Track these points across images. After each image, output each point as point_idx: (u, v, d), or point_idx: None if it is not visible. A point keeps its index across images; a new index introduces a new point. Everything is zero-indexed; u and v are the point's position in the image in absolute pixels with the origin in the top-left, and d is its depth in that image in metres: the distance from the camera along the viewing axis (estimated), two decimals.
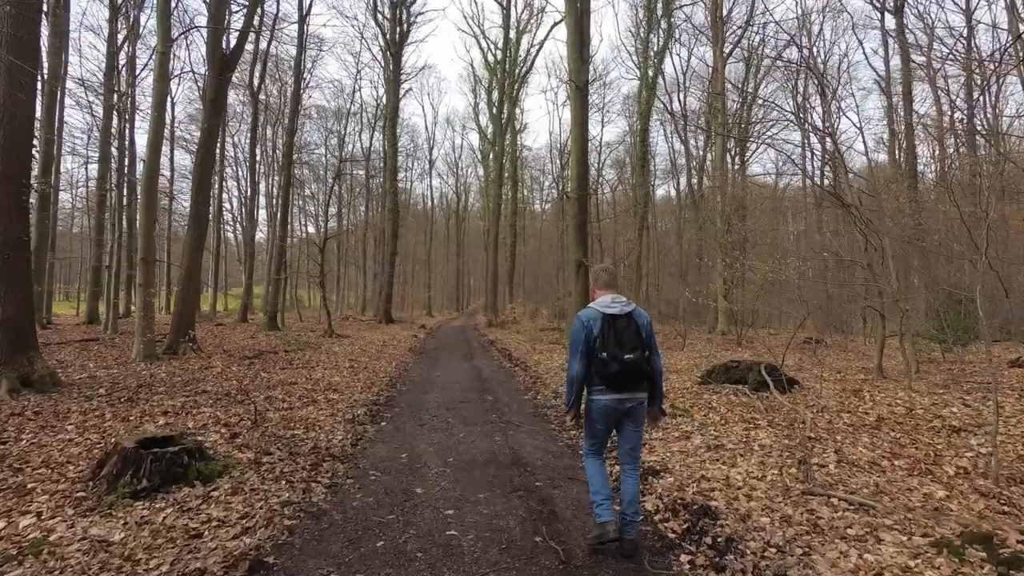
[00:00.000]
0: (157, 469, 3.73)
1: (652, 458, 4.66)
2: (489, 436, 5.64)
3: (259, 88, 26.15)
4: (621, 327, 2.91)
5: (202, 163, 11.79)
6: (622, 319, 2.93)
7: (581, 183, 18.08)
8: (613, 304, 2.98)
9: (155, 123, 10.68)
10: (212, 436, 5.25)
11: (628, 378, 2.88)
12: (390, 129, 27.65)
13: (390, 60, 28.10)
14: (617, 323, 2.92)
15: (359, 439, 5.49)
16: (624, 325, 2.92)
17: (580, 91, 17.28)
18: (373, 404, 7.16)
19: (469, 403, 7.34)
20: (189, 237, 11.89)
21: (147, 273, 10.55)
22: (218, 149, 33.17)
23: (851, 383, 7.79)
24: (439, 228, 54.22)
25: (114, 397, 7.04)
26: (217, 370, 9.54)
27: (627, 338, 2.89)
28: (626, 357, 2.85)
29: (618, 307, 2.97)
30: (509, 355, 13.37)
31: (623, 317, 2.94)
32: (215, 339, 15.33)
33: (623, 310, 2.96)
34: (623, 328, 2.91)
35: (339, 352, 12.98)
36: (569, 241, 19.21)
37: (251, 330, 19.25)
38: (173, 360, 10.53)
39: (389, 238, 27.60)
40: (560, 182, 39.99)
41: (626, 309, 2.97)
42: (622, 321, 2.93)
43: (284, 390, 7.78)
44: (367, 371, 10.17)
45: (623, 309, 2.97)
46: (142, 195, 10.54)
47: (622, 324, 2.92)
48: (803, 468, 4.05)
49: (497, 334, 20.70)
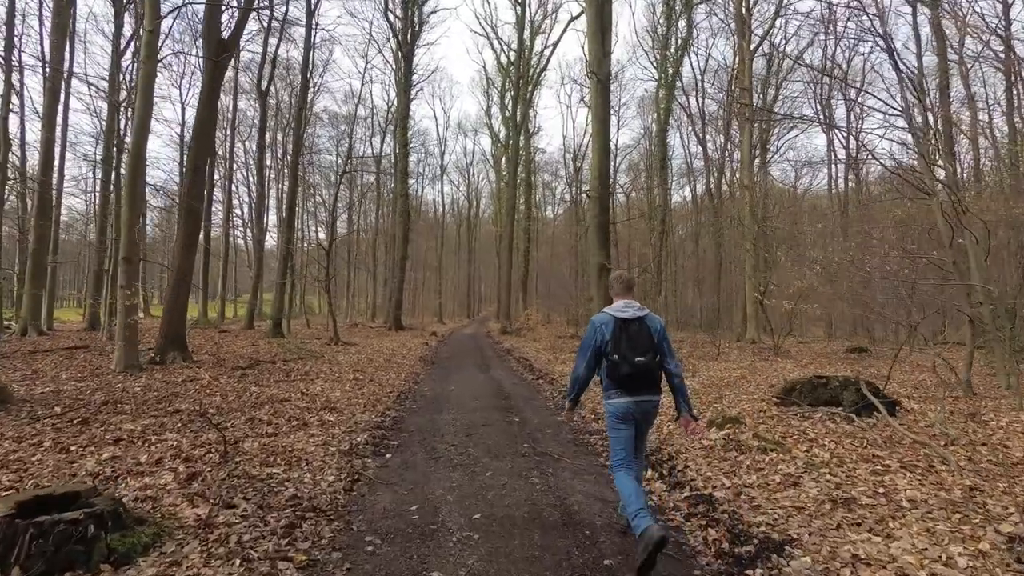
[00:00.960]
0: (41, 550, 2.42)
1: (759, 518, 3.29)
2: (524, 476, 4.29)
3: (267, 90, 25.21)
4: (633, 331, 2.94)
5: (195, 154, 10.64)
6: (634, 323, 2.96)
7: (603, 182, 16.83)
8: (626, 308, 3.00)
9: (141, 108, 9.52)
10: (162, 477, 3.95)
11: (640, 380, 2.92)
12: (401, 131, 26.56)
13: (401, 61, 27.07)
14: (629, 327, 2.94)
15: (356, 479, 4.16)
16: (636, 329, 2.94)
17: (602, 84, 16.04)
18: (377, 428, 5.83)
19: (492, 426, 6.00)
20: (180, 235, 10.71)
21: (129, 274, 9.34)
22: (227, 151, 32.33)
23: (952, 403, 6.36)
24: (450, 234, 53.13)
25: (67, 418, 5.78)
26: (203, 382, 8.29)
27: (639, 342, 2.91)
28: (637, 360, 2.87)
29: (630, 311, 2.99)
30: (529, 365, 12.02)
31: (635, 321, 2.96)
32: (214, 346, 14.13)
33: (635, 314, 2.98)
34: (635, 332, 2.93)
35: (343, 362, 11.70)
36: (590, 243, 17.92)
37: (255, 337, 18.06)
38: (158, 371, 9.29)
39: (400, 242, 26.43)
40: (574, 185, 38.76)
41: (638, 314, 2.99)
42: (634, 325, 2.95)
43: (272, 409, 6.48)
44: (372, 384, 8.86)
45: (635, 313, 2.98)
46: (125, 187, 9.38)
47: (634, 328, 2.94)
48: (1016, 547, 2.66)
49: (512, 342, 19.35)
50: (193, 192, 10.62)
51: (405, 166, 26.51)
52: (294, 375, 9.59)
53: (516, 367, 12.21)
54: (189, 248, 10.61)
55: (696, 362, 12.68)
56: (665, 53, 26.01)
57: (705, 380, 9.71)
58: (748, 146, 19.93)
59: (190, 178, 10.69)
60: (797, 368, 12.04)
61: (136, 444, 4.82)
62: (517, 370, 11.59)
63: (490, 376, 10.40)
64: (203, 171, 10.84)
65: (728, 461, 4.31)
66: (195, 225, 10.66)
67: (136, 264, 9.69)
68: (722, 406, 6.50)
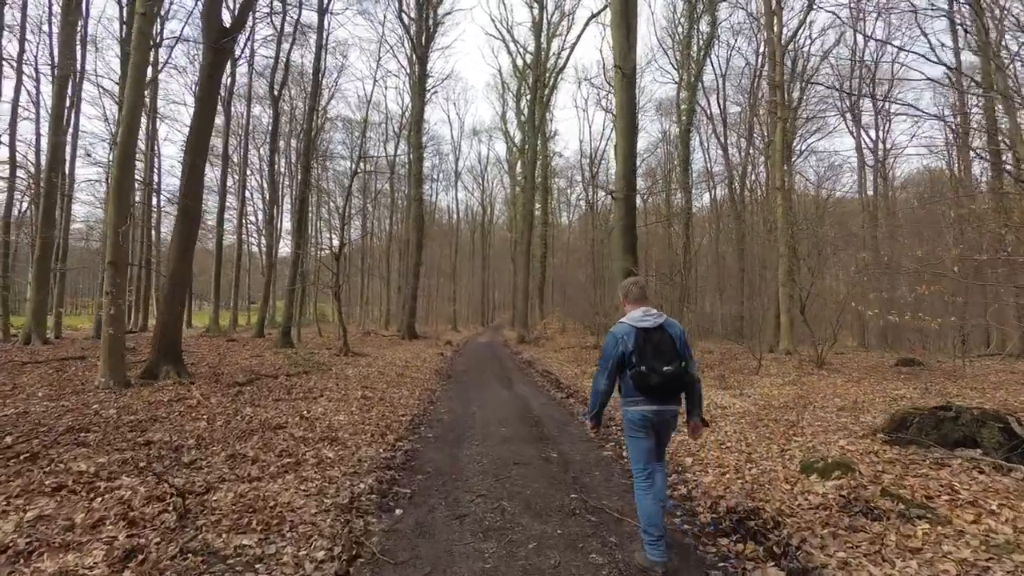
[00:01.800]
0: None
1: None
2: (581, 549, 3.12)
3: (280, 94, 24.51)
4: (656, 340, 2.87)
5: (193, 149, 9.70)
6: (656, 332, 2.89)
7: (628, 182, 15.66)
8: (645, 317, 2.93)
9: (131, 98, 8.59)
10: (91, 554, 2.85)
11: (668, 389, 2.85)
12: (415, 135, 25.66)
13: (416, 64, 26.22)
14: (652, 336, 2.88)
15: (354, 556, 3.03)
16: (659, 337, 2.88)
17: (627, 78, 14.94)
18: (386, 468, 4.69)
19: (527, 466, 4.83)
20: (175, 237, 9.74)
21: (116, 279, 8.37)
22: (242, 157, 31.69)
23: None
24: (464, 241, 52.20)
25: (14, 451, 4.73)
26: (191, 403, 7.24)
27: (663, 350, 2.85)
28: (665, 369, 2.80)
29: (650, 320, 2.92)
30: (555, 381, 10.83)
31: (656, 330, 2.90)
32: (217, 357, 13.15)
33: (656, 322, 2.91)
34: (658, 340, 2.87)
35: (352, 376, 10.61)
36: (614, 247, 16.75)
37: (263, 347, 17.11)
38: (146, 388, 8.28)
39: (413, 248, 25.45)
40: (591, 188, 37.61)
41: (658, 321, 2.92)
42: (656, 334, 2.88)
43: (262, 440, 5.38)
44: (383, 405, 7.73)
45: (655, 321, 2.92)
46: (112, 185, 8.42)
47: (657, 337, 2.88)
48: None
49: (532, 352, 18.16)
50: (189, 191, 9.65)
51: (419, 170, 25.58)
52: (296, 392, 8.51)
53: (540, 382, 11.03)
54: (185, 252, 9.62)
55: (736, 376, 11.40)
56: (687, 52, 24.86)
57: (758, 399, 8.46)
58: (781, 145, 18.64)
59: (187, 176, 9.73)
60: (851, 384, 10.74)
61: (79, 495, 3.74)
62: (542, 386, 10.41)
63: (514, 393, 9.23)
64: (201, 169, 9.88)
65: (861, 534, 3.11)
66: (192, 227, 9.68)
67: (124, 269, 8.72)
68: (808, 440, 5.27)
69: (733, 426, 6.14)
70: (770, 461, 4.62)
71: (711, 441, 5.45)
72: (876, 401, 7.91)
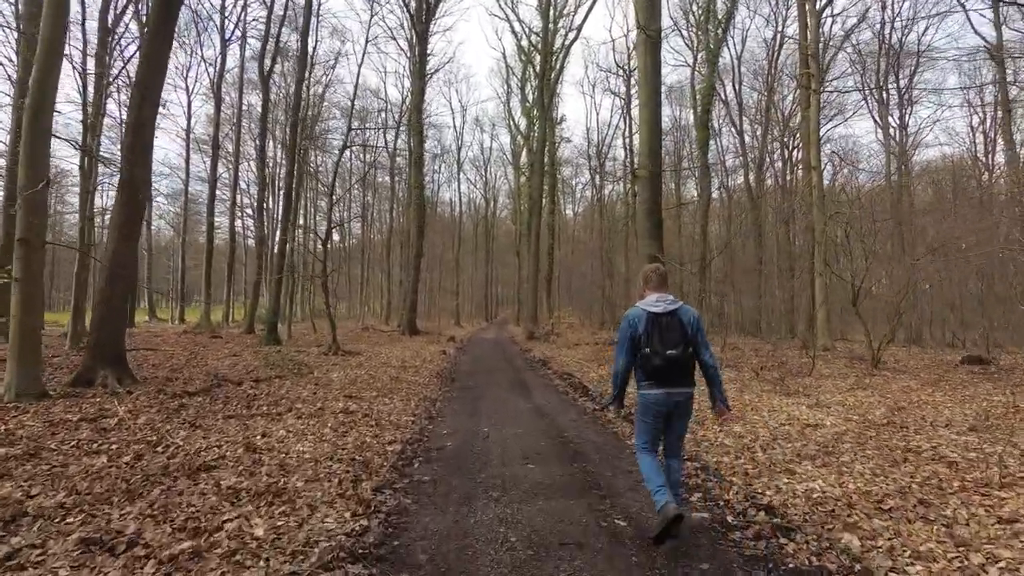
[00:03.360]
0: None
1: None
2: None
3: (270, 73, 22.50)
4: (665, 324, 2.90)
5: (140, 105, 7.74)
6: (666, 316, 2.92)
7: (654, 159, 13.71)
8: (658, 303, 2.95)
9: (49, 27, 6.62)
10: None
11: (671, 372, 2.88)
12: (415, 117, 23.62)
13: (415, 44, 24.19)
14: (661, 320, 2.91)
15: None
16: (668, 322, 2.91)
17: (652, 41, 12.98)
18: (348, 557, 2.73)
19: (583, 548, 2.87)
20: (116, 212, 7.77)
21: (28, 263, 6.43)
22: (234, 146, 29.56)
23: None
24: (467, 235, 50.17)
25: None
26: (108, 424, 5.31)
27: (670, 335, 2.88)
28: (668, 353, 2.85)
29: (662, 305, 2.94)
30: (581, 386, 8.85)
31: (667, 315, 2.92)
32: (186, 358, 11.21)
33: (667, 308, 2.94)
34: (667, 325, 2.90)
35: (336, 381, 8.65)
36: (638, 232, 14.75)
37: (245, 344, 15.18)
38: (67, 399, 6.34)
39: (414, 238, 23.47)
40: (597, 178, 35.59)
41: (670, 307, 2.94)
42: (666, 319, 2.92)
43: (166, 496, 3.41)
44: (366, 425, 5.77)
45: (667, 307, 2.94)
46: (24, 139, 6.46)
47: (666, 321, 2.91)
48: None
49: (544, 349, 16.20)
50: (135, 152, 7.68)
51: (420, 155, 23.57)
52: (258, 405, 6.56)
53: (561, 387, 9.07)
54: (127, 230, 7.65)
55: (792, 380, 9.43)
56: (706, 27, 22.78)
57: (845, 412, 6.51)
58: (815, 121, 16.59)
59: (130, 138, 7.75)
60: (930, 388, 8.81)
61: None
62: (565, 392, 8.45)
63: (534, 405, 7.26)
64: (149, 128, 7.89)
65: None
66: (135, 198, 7.69)
67: (41, 249, 6.76)
68: (1006, 495, 3.31)
69: (862, 464, 4.19)
70: (1008, 550, 2.67)
71: (868, 502, 3.48)
72: (1000, 413, 6.03)
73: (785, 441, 5.06)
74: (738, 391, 8.35)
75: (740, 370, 11.15)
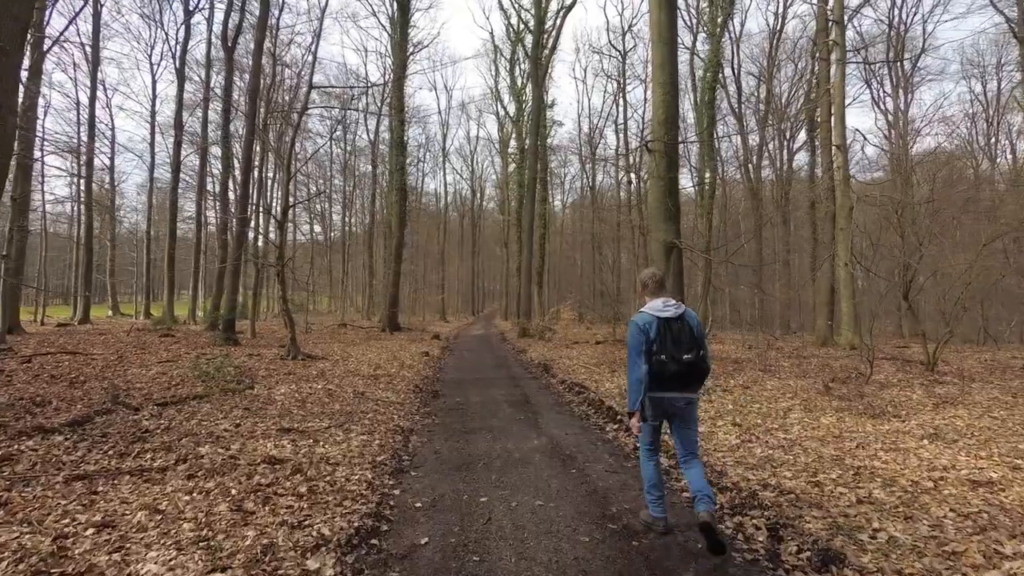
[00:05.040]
0: None
1: None
2: None
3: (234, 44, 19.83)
4: (676, 329, 2.85)
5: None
6: (676, 321, 2.86)
7: (670, 127, 11.61)
8: (666, 308, 2.89)
9: None
10: None
11: (686, 378, 2.83)
12: (396, 96, 21.15)
13: (396, 11, 21.70)
14: (672, 325, 2.85)
15: None
16: (679, 327, 2.85)
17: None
18: None
19: None
20: None
21: None
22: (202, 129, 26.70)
23: None
24: (453, 227, 47.73)
25: None
26: None
27: (683, 339, 2.83)
28: (684, 358, 2.80)
29: (671, 310, 2.88)
30: (601, 404, 6.67)
31: (677, 319, 2.87)
32: (104, 364, 8.81)
33: (676, 312, 2.88)
34: (679, 330, 2.85)
35: (279, 401, 6.37)
36: (651, 214, 12.61)
37: (194, 344, 12.77)
38: None
39: (395, 228, 21.11)
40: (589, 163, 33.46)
41: (678, 311, 2.89)
42: (676, 323, 2.86)
43: None
44: (292, 494, 3.51)
45: (676, 312, 2.88)
46: None
47: (677, 326, 2.85)
48: None
49: (540, 349, 14.04)
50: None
51: (401, 136, 21.15)
52: (142, 450, 4.28)
53: (576, 405, 6.92)
54: None
55: (856, 390, 7.41)
56: None
57: (984, 450, 4.47)
58: (842, 95, 14.64)
59: None
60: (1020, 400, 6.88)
61: None
62: (584, 416, 6.28)
63: (549, 440, 5.08)
64: (16, 54, 5.51)
65: None
66: None
67: None
68: None
69: None
70: None
71: None
72: None
73: (980, 532, 2.95)
74: (804, 410, 6.31)
75: (780, 376, 9.14)
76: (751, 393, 7.47)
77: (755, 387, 7.92)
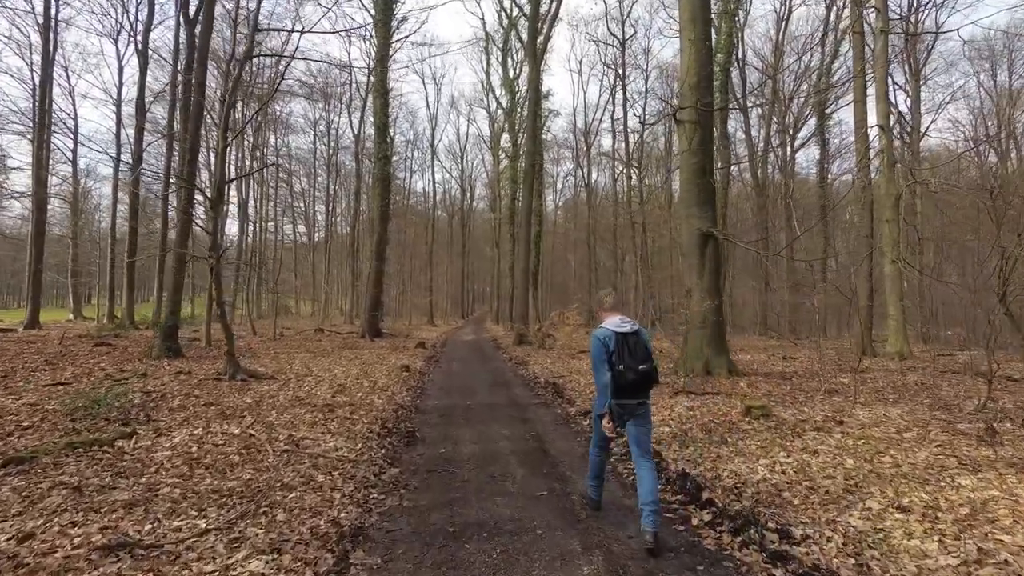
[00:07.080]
0: None
1: None
2: None
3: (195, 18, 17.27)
4: (632, 343, 3.06)
5: None
6: (632, 336, 3.08)
7: (704, 90, 9.46)
8: (623, 324, 3.11)
9: None
10: None
11: (641, 385, 3.03)
12: (379, 77, 18.71)
13: None
14: (628, 340, 3.06)
15: None
16: (635, 341, 3.07)
17: None
18: None
19: None
20: None
21: None
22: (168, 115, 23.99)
23: None
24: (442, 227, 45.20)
25: None
26: None
27: (638, 352, 3.04)
28: (640, 368, 3.01)
29: (627, 326, 3.10)
30: (692, 484, 4.33)
31: (632, 335, 3.08)
32: None
33: (632, 328, 3.10)
34: (634, 344, 3.06)
35: (157, 466, 3.94)
36: (682, 197, 10.40)
37: (128, 356, 10.23)
38: None
39: (377, 222, 18.64)
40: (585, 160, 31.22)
41: (634, 328, 3.11)
42: (632, 338, 3.07)
43: None
44: None
45: (632, 328, 3.10)
46: None
47: (632, 340, 3.07)
48: None
49: (544, 362, 11.68)
50: None
51: (384, 121, 18.69)
52: None
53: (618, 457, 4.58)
54: None
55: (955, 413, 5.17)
56: None
57: None
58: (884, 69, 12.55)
59: None
60: None
61: None
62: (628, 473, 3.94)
63: (597, 546, 2.76)
64: None
65: None
66: None
67: None
68: None
69: None
70: None
71: None
72: None
73: None
74: (966, 469, 4.03)
75: (861, 400, 6.86)
76: (854, 433, 5.20)
77: (851, 422, 5.66)
